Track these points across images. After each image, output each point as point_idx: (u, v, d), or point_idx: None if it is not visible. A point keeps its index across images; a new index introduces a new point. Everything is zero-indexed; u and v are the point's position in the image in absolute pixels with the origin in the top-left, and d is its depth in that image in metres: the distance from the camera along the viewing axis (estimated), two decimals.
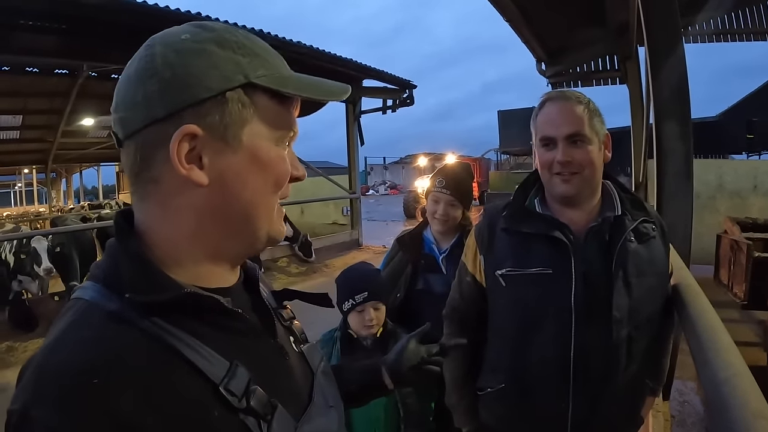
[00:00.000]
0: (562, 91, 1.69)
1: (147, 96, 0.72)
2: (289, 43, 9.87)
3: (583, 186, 1.62)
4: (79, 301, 0.72)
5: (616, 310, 1.55)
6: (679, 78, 3.46)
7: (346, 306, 2.23)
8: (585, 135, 1.59)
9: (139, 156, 0.75)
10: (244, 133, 0.76)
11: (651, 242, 1.65)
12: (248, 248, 0.84)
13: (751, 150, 28.71)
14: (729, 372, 0.97)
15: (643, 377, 1.70)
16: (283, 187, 0.83)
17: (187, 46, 0.74)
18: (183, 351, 0.70)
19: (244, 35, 0.80)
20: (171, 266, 0.76)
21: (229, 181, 0.76)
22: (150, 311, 0.69)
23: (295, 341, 0.98)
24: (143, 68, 0.73)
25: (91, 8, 6.74)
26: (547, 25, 8.60)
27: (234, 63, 0.75)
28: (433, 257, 2.63)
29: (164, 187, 0.75)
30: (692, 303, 1.45)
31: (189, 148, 0.72)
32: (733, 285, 6.26)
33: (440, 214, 2.57)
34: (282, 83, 0.78)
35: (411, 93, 13.63)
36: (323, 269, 11.66)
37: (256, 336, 0.84)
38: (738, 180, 9.66)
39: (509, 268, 1.68)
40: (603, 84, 11.15)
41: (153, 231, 0.77)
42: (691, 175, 3.68)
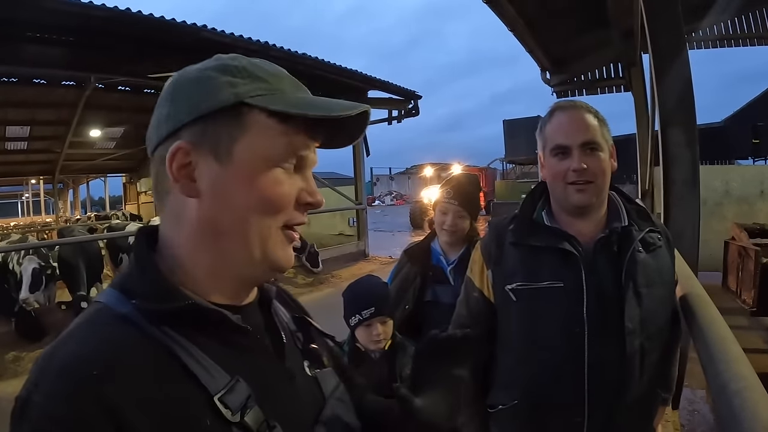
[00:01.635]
0: (571, 100, 1.68)
1: (160, 119, 0.81)
2: (295, 55, 9.94)
3: (596, 195, 1.61)
4: (96, 304, 0.77)
5: (628, 321, 1.53)
6: (684, 84, 3.45)
7: (353, 321, 2.23)
8: (599, 143, 1.58)
9: (155, 171, 0.82)
10: (236, 150, 0.78)
11: (658, 252, 1.64)
12: (247, 271, 0.83)
13: (757, 155, 28.60)
14: (740, 384, 0.96)
15: (655, 387, 1.68)
16: (282, 212, 0.81)
17: (193, 74, 0.81)
18: (183, 359, 0.72)
19: (251, 61, 0.83)
20: (183, 278, 0.80)
21: (218, 194, 0.78)
22: (157, 318, 0.73)
23: (310, 365, 0.97)
24: (162, 96, 0.83)
25: (99, 20, 6.80)
26: (551, 34, 8.61)
27: (229, 85, 0.78)
28: (441, 269, 2.62)
29: (171, 198, 0.81)
30: (701, 313, 1.44)
31: (184, 162, 0.77)
32: (742, 292, 6.19)
33: (448, 225, 2.56)
34: (273, 101, 0.79)
35: (416, 104, 13.68)
36: (330, 280, 11.68)
37: (264, 356, 0.85)
38: (745, 186, 9.60)
39: (519, 282, 1.65)
40: (608, 92, 11.14)
41: (167, 242, 0.83)
42: (698, 182, 3.67)
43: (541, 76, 10.83)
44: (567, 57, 10.20)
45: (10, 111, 12.30)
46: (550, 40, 8.99)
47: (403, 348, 2.27)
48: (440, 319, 2.41)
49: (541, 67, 10.60)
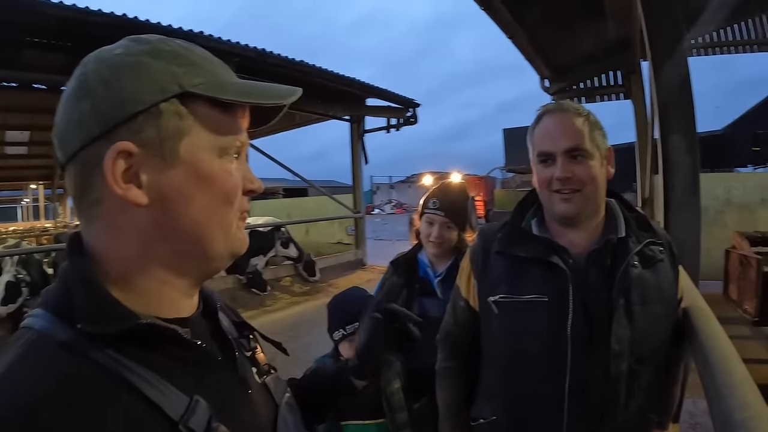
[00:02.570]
0: (559, 102, 1.60)
1: (82, 115, 0.69)
2: (293, 63, 9.90)
3: (584, 204, 1.52)
4: (29, 331, 0.67)
5: (615, 342, 1.43)
6: (684, 90, 3.41)
7: (337, 335, 2.14)
8: (585, 149, 1.49)
9: (79, 179, 0.71)
10: (183, 146, 0.72)
11: (658, 266, 1.53)
12: (205, 267, 0.80)
13: (758, 163, 28.61)
14: (746, 414, 0.89)
15: (646, 413, 1.55)
16: (236, 201, 0.79)
17: (119, 60, 0.71)
18: (139, 386, 0.65)
19: (182, 45, 0.76)
20: (125, 292, 0.72)
21: (171, 199, 0.71)
22: (104, 342, 0.65)
23: (257, 372, 0.94)
24: (77, 87, 0.71)
25: (97, 26, 6.78)
26: (549, 41, 8.61)
27: (168, 73, 0.71)
28: (429, 281, 2.53)
29: (107, 209, 0.71)
30: (703, 330, 1.36)
31: (126, 167, 0.68)
32: (743, 301, 6.11)
33: (435, 237, 2.46)
34: (221, 89, 0.74)
35: (415, 112, 13.60)
36: (327, 289, 11.57)
37: (217, 368, 0.80)
38: (746, 193, 9.52)
39: (502, 294, 1.57)
40: (607, 99, 11.14)
41: (102, 255, 0.73)
42: (698, 189, 3.63)
43: (540, 84, 10.82)
44: (566, 65, 10.18)
45: (9, 116, 12.28)
46: (548, 48, 8.98)
47: (389, 363, 2.17)
48: (427, 333, 2.36)
49: (540, 75, 10.59)
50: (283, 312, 9.57)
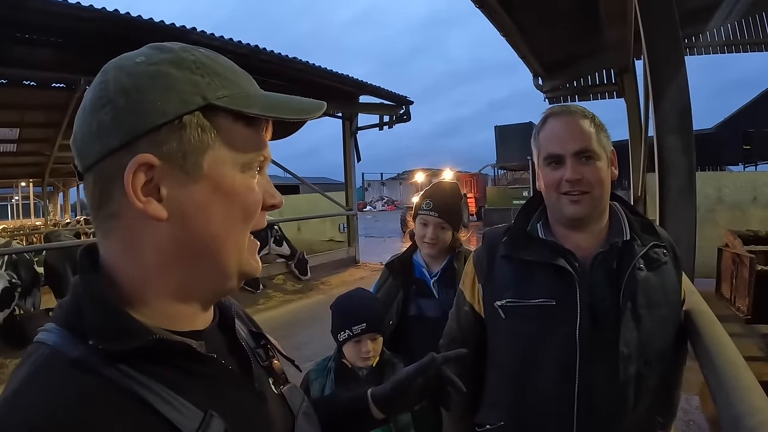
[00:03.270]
0: (565, 105, 1.59)
1: (101, 126, 0.67)
2: (285, 59, 9.82)
3: (593, 206, 1.51)
4: (41, 347, 0.66)
5: (623, 345, 1.43)
6: (681, 90, 3.41)
7: (342, 336, 2.12)
8: (594, 151, 1.49)
9: (98, 190, 0.70)
10: (206, 161, 0.70)
11: (663, 269, 1.53)
12: (219, 287, 0.78)
13: (748, 161, 28.81)
14: (755, 419, 0.89)
15: (653, 415, 1.57)
16: (255, 218, 0.77)
17: (141, 69, 0.69)
18: (153, 402, 0.64)
19: (205, 54, 0.75)
20: (138, 307, 0.71)
21: (191, 214, 0.70)
22: (117, 358, 0.64)
23: (274, 383, 0.92)
24: (97, 96, 0.69)
25: (88, 22, 6.71)
26: (543, 39, 8.60)
27: (191, 84, 0.69)
28: (425, 282, 2.54)
29: (125, 222, 0.69)
30: (708, 335, 1.35)
31: (146, 180, 0.67)
32: (736, 299, 6.16)
33: (429, 238, 2.48)
34: (246, 103, 0.72)
35: (408, 109, 13.58)
36: (320, 287, 11.60)
37: (232, 381, 0.78)
38: (737, 192, 9.61)
39: (509, 299, 1.57)
40: (600, 98, 11.16)
41: (117, 269, 0.71)
42: (694, 189, 3.63)
43: (534, 82, 10.83)
44: (559, 63, 10.18)
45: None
46: (542, 46, 8.97)
47: (392, 365, 2.18)
48: (425, 334, 2.37)
49: (533, 73, 10.59)
50: (276, 310, 9.58)
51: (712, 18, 8.14)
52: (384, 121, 13.84)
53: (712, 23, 8.54)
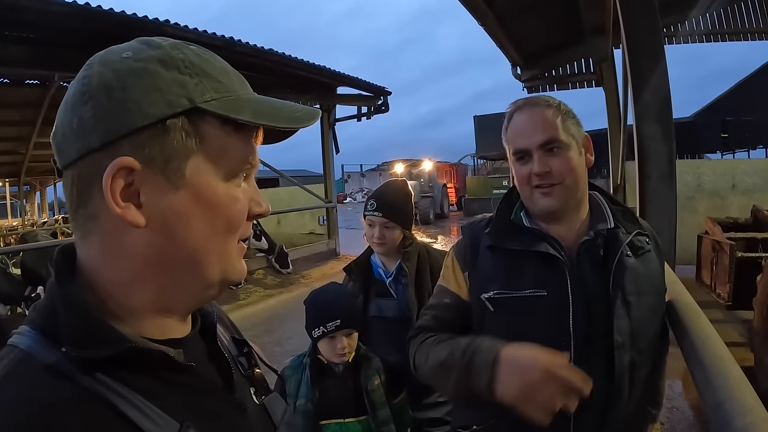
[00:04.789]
0: (528, 97, 1.56)
1: (82, 123, 0.64)
2: (262, 51, 9.70)
3: (566, 197, 1.47)
4: (14, 350, 0.63)
5: (617, 334, 1.39)
6: (661, 79, 3.40)
7: (316, 333, 2.07)
8: (560, 140, 1.45)
9: (76, 190, 0.66)
10: (188, 167, 0.67)
11: (647, 256, 1.51)
12: (200, 296, 0.75)
13: (726, 149, 29.21)
14: (747, 419, 0.85)
15: (645, 404, 1.54)
16: (240, 228, 0.74)
17: (126, 65, 0.65)
18: (126, 411, 0.61)
19: (197, 52, 0.70)
20: (115, 313, 0.68)
21: (171, 223, 0.67)
22: (91, 366, 0.61)
23: (256, 392, 0.88)
24: (79, 91, 0.65)
25: (60, 17, 6.55)
26: (522, 29, 8.62)
27: (179, 85, 0.65)
28: (383, 282, 2.53)
29: (103, 225, 0.66)
30: (694, 328, 1.31)
31: (125, 184, 0.64)
32: (716, 286, 6.19)
33: (376, 238, 2.47)
34: (236, 108, 0.68)
35: (386, 100, 13.52)
36: (300, 280, 11.53)
37: (212, 392, 0.75)
38: (716, 180, 9.71)
39: (497, 290, 1.50)
40: (579, 87, 11.27)
41: (94, 273, 0.68)
42: (674, 177, 3.64)
43: (512, 71, 10.88)
44: (538, 52, 10.24)
45: None
46: (521, 36, 9.00)
47: (368, 360, 2.15)
48: (385, 334, 2.40)
49: (512, 63, 10.64)
50: (257, 306, 9.51)
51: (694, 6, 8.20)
52: (362, 112, 13.78)
53: (694, 11, 8.60)
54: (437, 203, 27.75)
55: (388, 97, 13.58)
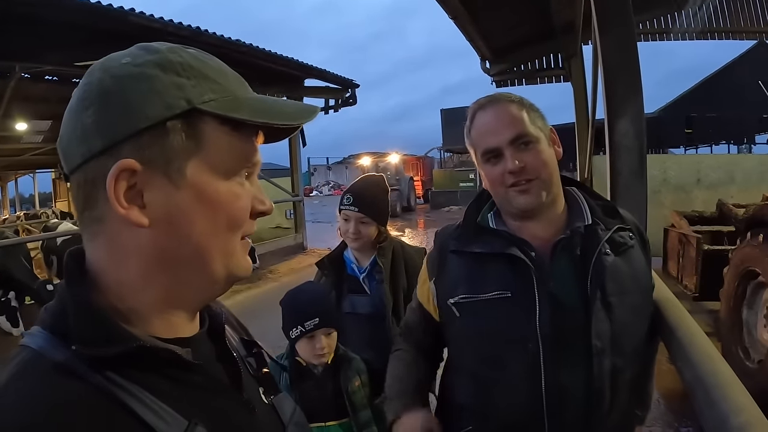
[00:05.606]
0: (489, 96, 1.51)
1: (84, 128, 0.66)
2: (229, 42, 9.53)
3: (543, 192, 1.42)
4: (26, 350, 0.65)
5: (596, 338, 1.34)
6: (632, 75, 3.43)
7: (294, 333, 2.02)
8: (530, 134, 1.40)
9: (82, 194, 0.68)
10: (189, 167, 0.68)
11: (630, 253, 1.46)
12: (206, 293, 0.77)
13: (690, 144, 29.84)
14: (741, 418, 0.85)
15: (632, 409, 1.50)
16: (243, 226, 0.75)
17: (125, 70, 0.67)
18: (136, 408, 0.62)
19: (195, 56, 0.72)
20: (124, 313, 0.69)
21: (174, 221, 0.68)
22: (101, 364, 0.62)
23: (265, 392, 0.90)
24: (81, 98, 0.67)
25: (21, 5, 6.32)
26: (492, 23, 8.65)
27: (176, 87, 0.67)
28: (356, 278, 2.51)
29: (109, 227, 0.68)
30: (680, 327, 1.31)
31: (129, 185, 0.65)
32: (683, 277, 6.32)
33: (351, 233, 2.44)
34: (233, 108, 0.70)
35: (354, 92, 13.44)
36: (268, 275, 11.38)
37: (220, 391, 0.77)
38: (682, 174, 9.86)
39: (462, 295, 1.46)
40: (547, 81, 11.39)
41: (103, 274, 0.70)
42: (645, 172, 3.68)
43: (481, 65, 10.93)
44: (507, 47, 10.29)
45: None
46: (490, 30, 9.03)
47: (348, 361, 2.12)
48: (359, 330, 2.38)
49: (481, 57, 10.68)
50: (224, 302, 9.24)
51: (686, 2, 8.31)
52: (330, 104, 13.67)
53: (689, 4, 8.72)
54: (404, 196, 27.79)
55: (357, 90, 13.52)
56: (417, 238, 17.57)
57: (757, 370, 4.20)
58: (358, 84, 13.41)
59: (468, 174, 31.16)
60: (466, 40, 9.21)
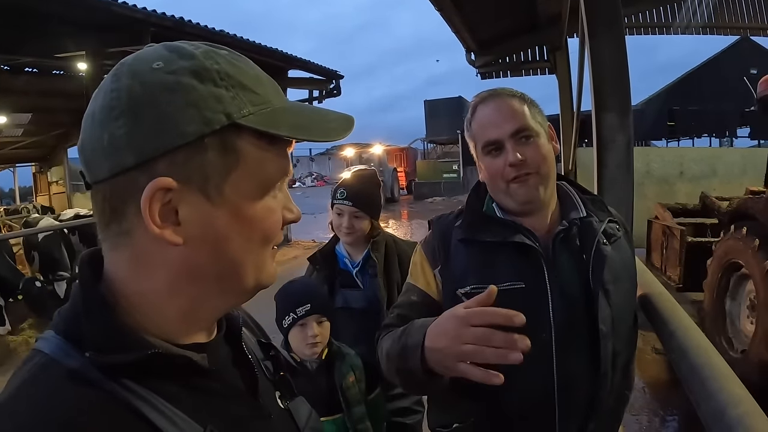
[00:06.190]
0: (491, 90, 1.51)
1: (113, 140, 0.61)
2: (212, 32, 9.40)
3: (542, 186, 1.44)
4: (38, 354, 0.63)
5: (602, 323, 1.38)
6: (620, 69, 3.45)
7: (286, 321, 2.02)
8: (531, 128, 1.41)
9: (108, 206, 0.64)
10: (228, 185, 0.65)
11: (619, 243, 1.50)
12: (232, 303, 0.76)
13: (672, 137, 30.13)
14: (740, 409, 0.86)
15: (624, 390, 1.55)
16: (276, 238, 0.74)
17: (158, 78, 0.62)
18: (150, 416, 0.61)
19: (229, 60, 0.68)
20: (139, 320, 0.67)
21: (209, 240, 0.66)
22: (115, 371, 0.61)
23: (281, 396, 0.89)
24: (108, 106, 0.62)
25: None
26: (477, 15, 8.63)
27: (215, 99, 0.63)
28: (349, 272, 2.52)
29: (137, 241, 0.65)
30: (673, 319, 1.33)
31: (164, 202, 0.62)
32: (667, 269, 6.39)
33: (345, 227, 2.44)
34: (273, 123, 0.66)
35: (338, 83, 13.38)
36: None
37: (236, 396, 0.76)
38: (665, 167, 9.94)
39: (473, 285, 1.45)
40: (532, 74, 11.41)
41: (122, 283, 0.67)
42: (632, 165, 3.71)
43: (466, 57, 10.91)
44: (492, 39, 10.29)
45: None
46: (476, 22, 9.01)
47: (341, 356, 2.12)
48: (351, 325, 2.38)
49: (466, 48, 10.66)
50: None
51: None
52: (314, 96, 13.59)
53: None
54: (387, 187, 27.75)
55: (341, 81, 13.46)
56: (401, 229, 17.54)
57: (740, 360, 4.28)
58: (342, 75, 13.35)
59: (451, 165, 31.27)
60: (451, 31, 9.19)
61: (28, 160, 21.66)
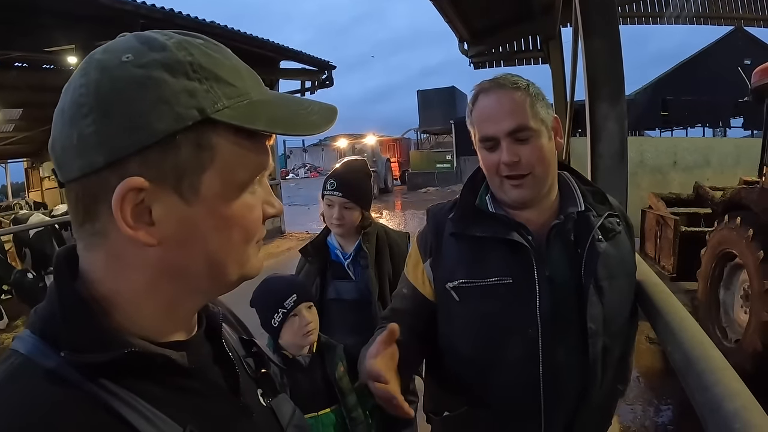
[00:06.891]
0: (495, 79, 1.47)
1: (83, 139, 0.59)
2: (203, 24, 9.38)
3: (537, 187, 1.43)
4: (15, 354, 0.62)
5: (591, 321, 1.37)
6: (614, 58, 3.43)
7: (276, 319, 1.98)
8: (530, 127, 1.38)
9: (81, 206, 0.63)
10: (203, 183, 0.63)
11: (618, 239, 1.48)
12: (212, 297, 0.78)
13: (665, 126, 30.18)
14: (736, 403, 0.85)
15: (615, 384, 1.56)
16: (257, 234, 0.73)
17: (128, 72, 0.60)
18: (128, 417, 0.60)
19: (204, 50, 0.65)
20: (118, 318, 0.66)
21: (185, 239, 0.65)
22: (92, 371, 0.59)
23: (263, 394, 0.87)
24: (76, 102, 0.60)
25: None
26: (470, 4, 8.56)
27: (187, 93, 0.60)
28: (340, 264, 2.52)
29: (112, 241, 0.63)
30: (668, 311, 1.31)
31: (135, 203, 0.60)
32: (661, 258, 6.44)
33: (336, 218, 2.44)
34: (249, 117, 0.64)
35: (330, 74, 13.37)
36: None
37: (217, 395, 0.74)
38: (659, 156, 9.94)
39: (462, 279, 1.46)
40: (525, 64, 11.37)
41: (98, 282, 0.66)
42: (626, 156, 3.70)
43: (459, 47, 10.85)
44: (485, 29, 10.23)
45: None
46: (469, 11, 8.96)
47: (331, 348, 2.12)
48: (344, 317, 2.40)
49: (459, 38, 10.61)
50: None
51: None
52: (306, 87, 13.56)
53: None
54: (381, 178, 27.89)
55: (335, 72, 13.42)
56: (395, 219, 17.56)
57: (734, 349, 4.30)
58: (334, 65, 13.34)
59: (445, 155, 31.32)
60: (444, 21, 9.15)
61: (19, 156, 21.53)
